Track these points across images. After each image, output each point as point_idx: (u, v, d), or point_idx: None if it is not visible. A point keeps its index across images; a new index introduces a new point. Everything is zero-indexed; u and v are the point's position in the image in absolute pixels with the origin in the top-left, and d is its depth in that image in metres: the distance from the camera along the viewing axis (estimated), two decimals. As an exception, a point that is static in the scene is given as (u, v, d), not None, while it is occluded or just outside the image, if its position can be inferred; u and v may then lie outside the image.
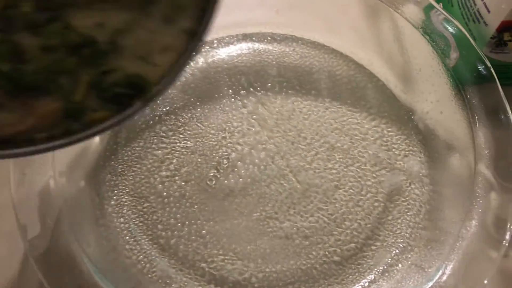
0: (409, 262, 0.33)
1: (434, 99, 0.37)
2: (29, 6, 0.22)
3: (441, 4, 0.43)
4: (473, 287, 0.29)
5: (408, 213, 0.35)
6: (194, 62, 0.41)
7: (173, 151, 0.37)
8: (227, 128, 0.38)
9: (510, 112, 0.33)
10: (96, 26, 0.23)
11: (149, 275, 0.32)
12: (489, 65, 0.34)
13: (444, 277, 0.29)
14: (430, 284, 0.29)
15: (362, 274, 0.33)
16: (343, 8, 0.41)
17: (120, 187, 0.36)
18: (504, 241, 0.29)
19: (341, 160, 0.37)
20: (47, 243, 0.29)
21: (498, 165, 0.32)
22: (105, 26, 0.24)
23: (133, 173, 0.36)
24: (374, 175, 0.37)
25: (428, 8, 0.37)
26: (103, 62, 0.24)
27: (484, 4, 0.35)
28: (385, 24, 0.40)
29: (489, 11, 0.35)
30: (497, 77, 0.34)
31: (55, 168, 0.32)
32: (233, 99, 0.40)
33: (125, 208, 0.35)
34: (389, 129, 0.39)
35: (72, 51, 0.23)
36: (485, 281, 0.28)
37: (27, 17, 0.22)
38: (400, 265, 0.33)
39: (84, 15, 0.23)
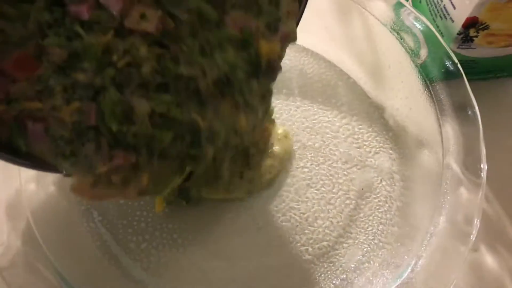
0: (380, 259, 0.33)
1: (404, 96, 0.37)
2: (149, 67, 0.22)
3: (410, 0, 0.44)
4: (443, 282, 0.29)
5: (379, 210, 0.35)
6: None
7: (143, 154, 0.37)
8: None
9: (477, 107, 0.33)
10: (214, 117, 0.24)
11: (120, 281, 0.32)
12: (456, 61, 0.34)
13: (414, 273, 0.29)
14: (400, 280, 0.30)
15: (334, 272, 0.33)
16: (313, 6, 0.41)
17: (90, 191, 0.35)
18: (471, 236, 0.29)
19: (312, 158, 0.37)
20: (15, 251, 0.29)
21: (466, 160, 0.32)
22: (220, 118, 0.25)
23: (103, 177, 0.36)
24: (345, 172, 0.37)
25: (397, 6, 0.37)
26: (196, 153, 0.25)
27: (450, 0, 0.36)
28: (355, 22, 0.40)
29: (454, 8, 0.36)
30: (465, 73, 0.34)
31: (23, 174, 0.32)
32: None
33: (95, 212, 0.34)
34: (360, 127, 0.39)
35: (171, 125, 0.24)
36: (453, 276, 0.28)
37: (142, 78, 0.23)
38: (371, 262, 0.33)
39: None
